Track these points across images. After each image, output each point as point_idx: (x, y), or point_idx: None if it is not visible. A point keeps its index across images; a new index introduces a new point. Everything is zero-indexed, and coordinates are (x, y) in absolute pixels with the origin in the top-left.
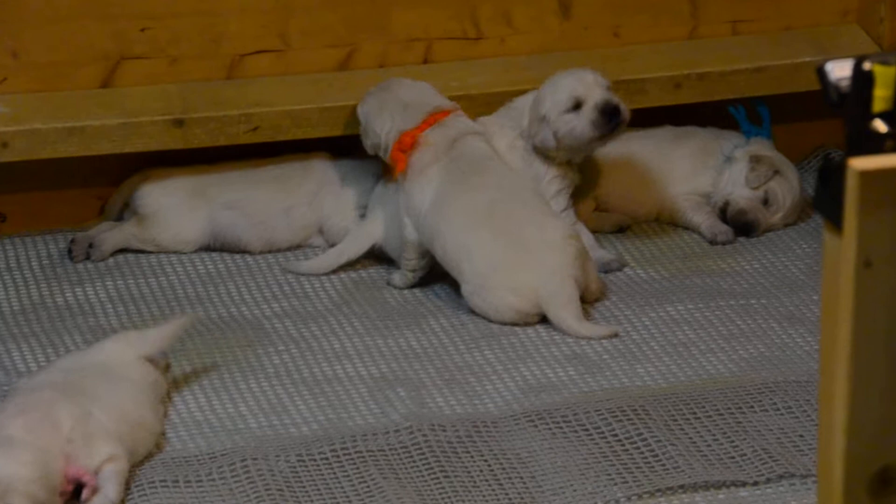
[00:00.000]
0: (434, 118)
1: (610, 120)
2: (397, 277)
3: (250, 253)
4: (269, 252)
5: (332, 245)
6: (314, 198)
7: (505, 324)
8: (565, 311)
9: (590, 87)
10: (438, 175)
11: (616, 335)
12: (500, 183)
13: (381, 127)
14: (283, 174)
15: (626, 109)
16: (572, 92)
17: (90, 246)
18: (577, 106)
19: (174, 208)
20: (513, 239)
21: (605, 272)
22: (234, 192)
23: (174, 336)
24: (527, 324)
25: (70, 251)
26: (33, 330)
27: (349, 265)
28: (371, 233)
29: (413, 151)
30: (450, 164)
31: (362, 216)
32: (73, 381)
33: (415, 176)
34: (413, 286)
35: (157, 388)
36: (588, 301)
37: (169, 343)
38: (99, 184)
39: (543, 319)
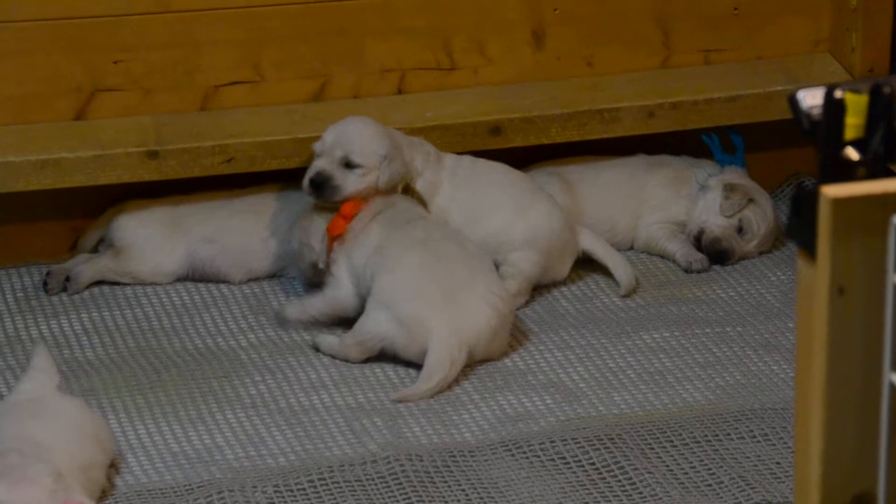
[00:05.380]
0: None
1: (314, 189)
2: (293, 311)
3: (230, 283)
4: (248, 281)
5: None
6: (292, 227)
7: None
8: (424, 383)
9: (324, 149)
10: (379, 229)
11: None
12: (437, 225)
13: (319, 233)
14: (260, 204)
15: (343, 187)
16: (318, 143)
17: (67, 279)
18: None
19: (151, 240)
20: (439, 274)
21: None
22: (212, 223)
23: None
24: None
25: (45, 283)
26: (8, 363)
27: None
28: (339, 305)
29: (355, 216)
30: (388, 216)
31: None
32: (27, 437)
33: (356, 236)
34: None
35: (85, 415)
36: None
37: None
38: (73, 216)
39: (518, 349)
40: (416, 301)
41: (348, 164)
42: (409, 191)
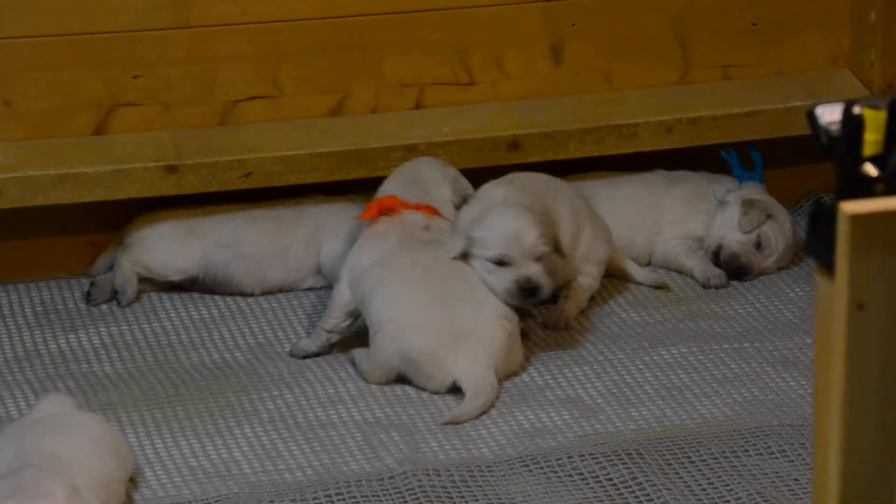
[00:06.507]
0: (424, 208)
1: (525, 296)
2: (307, 341)
3: (244, 293)
4: (264, 295)
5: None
6: (310, 239)
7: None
8: (470, 404)
9: (524, 252)
10: (394, 246)
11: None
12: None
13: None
14: (278, 215)
15: (547, 287)
16: (506, 248)
17: (115, 292)
18: (502, 262)
19: (164, 236)
20: (445, 304)
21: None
22: (227, 230)
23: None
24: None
25: (89, 294)
26: (27, 377)
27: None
28: (342, 303)
29: (387, 216)
30: (407, 243)
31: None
32: (46, 451)
33: (375, 235)
34: (326, 352)
35: (104, 430)
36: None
37: None
38: (92, 231)
39: (536, 365)
40: (425, 338)
41: (537, 258)
42: (559, 250)
